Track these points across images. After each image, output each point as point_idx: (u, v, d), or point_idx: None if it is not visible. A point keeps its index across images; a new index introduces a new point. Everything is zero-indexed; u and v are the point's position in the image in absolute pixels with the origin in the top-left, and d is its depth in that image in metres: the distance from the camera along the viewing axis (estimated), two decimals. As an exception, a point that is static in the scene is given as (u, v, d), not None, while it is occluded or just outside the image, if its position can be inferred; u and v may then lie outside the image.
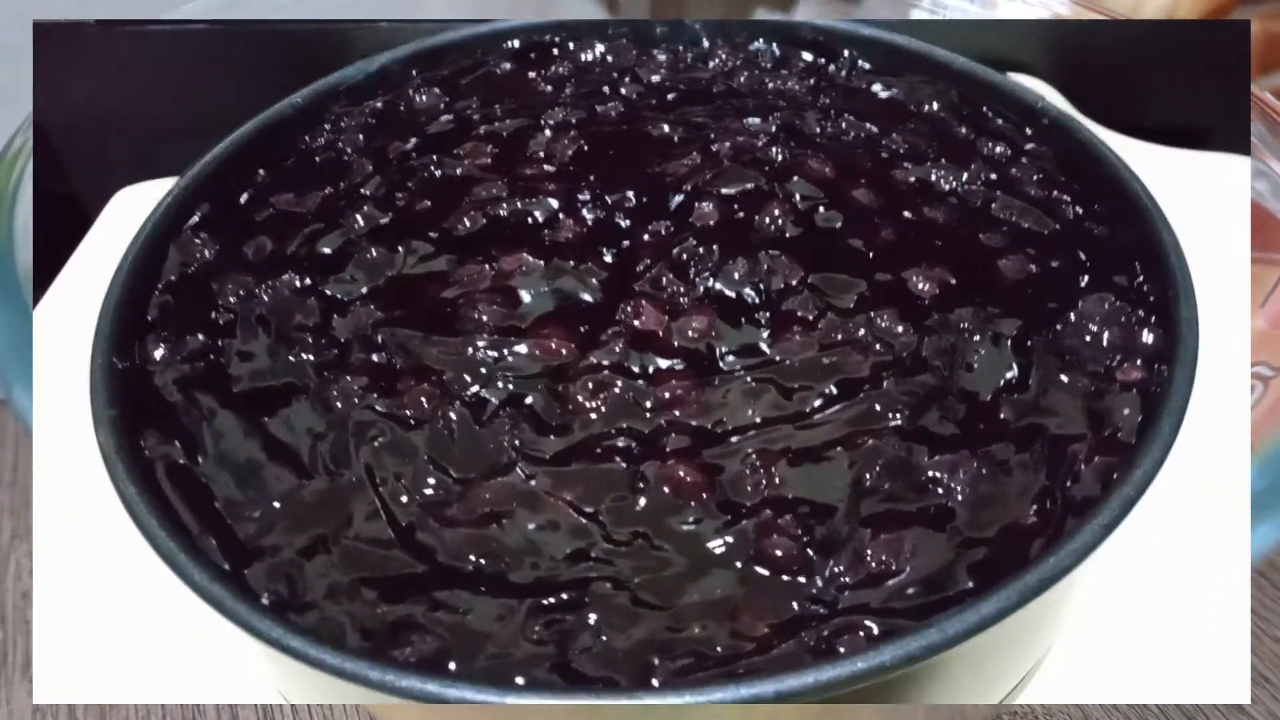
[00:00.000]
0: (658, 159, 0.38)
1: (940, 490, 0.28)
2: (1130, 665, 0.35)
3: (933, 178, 0.37)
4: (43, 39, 0.49)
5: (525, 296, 0.33)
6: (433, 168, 0.38)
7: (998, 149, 0.39)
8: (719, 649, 0.25)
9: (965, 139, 0.39)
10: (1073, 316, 0.32)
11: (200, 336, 0.32)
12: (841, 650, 0.24)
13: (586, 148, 0.39)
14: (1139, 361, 0.30)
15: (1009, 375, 0.30)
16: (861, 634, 0.25)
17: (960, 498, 0.27)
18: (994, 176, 0.37)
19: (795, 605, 0.26)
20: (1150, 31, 0.58)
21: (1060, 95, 0.56)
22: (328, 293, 0.33)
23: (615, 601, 0.25)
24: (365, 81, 0.43)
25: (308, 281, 0.34)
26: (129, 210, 0.52)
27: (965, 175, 0.37)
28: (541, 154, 0.39)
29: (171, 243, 0.35)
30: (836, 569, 0.26)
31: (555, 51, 0.45)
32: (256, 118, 0.40)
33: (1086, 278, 0.33)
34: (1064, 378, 0.30)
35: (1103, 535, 0.25)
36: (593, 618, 0.25)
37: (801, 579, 0.26)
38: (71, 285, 0.49)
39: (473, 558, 0.26)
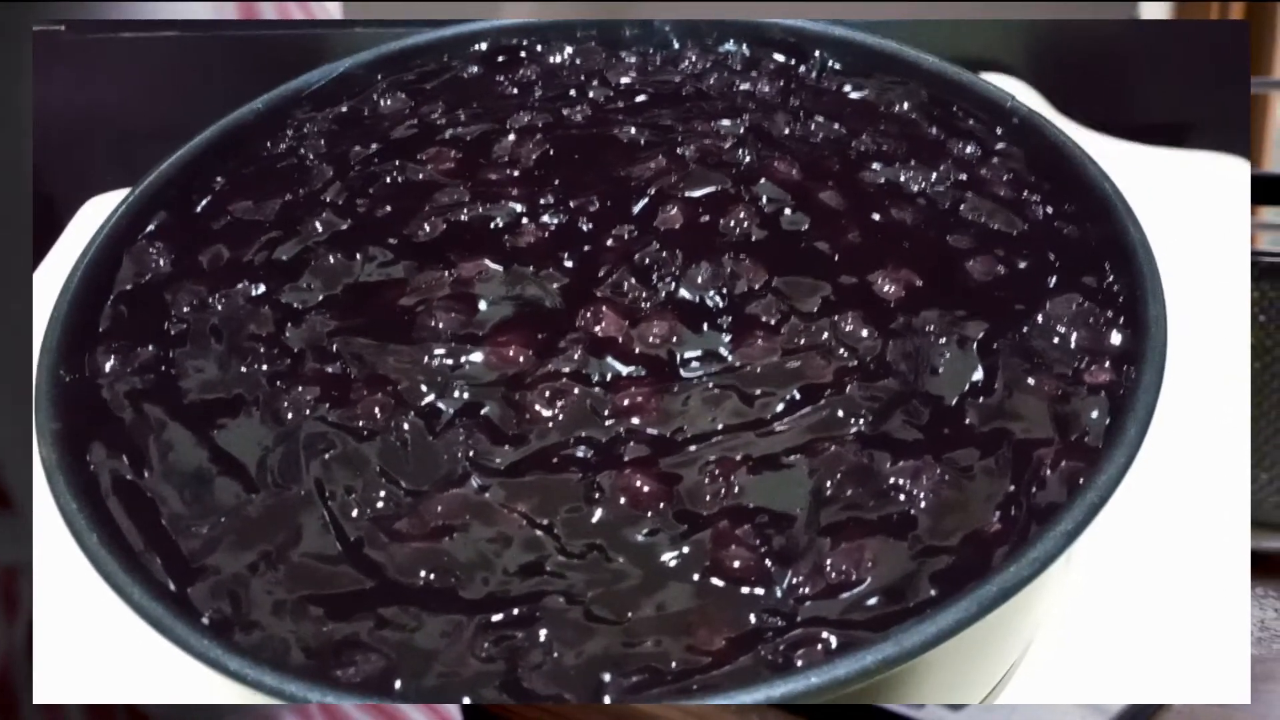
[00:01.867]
0: (623, 162, 0.37)
1: (902, 497, 0.27)
2: (1130, 665, 0.34)
3: (902, 179, 0.37)
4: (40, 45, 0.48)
5: (483, 304, 0.32)
6: (395, 173, 0.38)
7: (968, 149, 0.38)
8: (674, 664, 0.24)
9: (935, 139, 0.39)
10: (1040, 318, 0.31)
11: (151, 348, 0.32)
12: (799, 664, 0.24)
13: (551, 152, 0.38)
14: (1107, 363, 0.30)
15: (974, 378, 0.30)
16: (819, 647, 0.24)
17: (923, 505, 0.27)
18: (964, 177, 0.37)
19: (753, 618, 0.25)
20: (1134, 30, 0.57)
21: (1037, 94, 0.55)
22: (283, 301, 0.33)
23: (568, 616, 0.25)
24: (329, 86, 0.42)
25: (263, 290, 0.33)
26: (98, 219, 0.51)
27: (934, 176, 0.37)
28: (505, 158, 0.38)
29: (125, 251, 0.35)
30: (795, 580, 0.25)
31: (523, 55, 0.45)
32: (217, 124, 0.39)
33: (1055, 278, 0.32)
34: (1030, 381, 0.30)
35: (1066, 543, 0.24)
36: (544, 633, 0.24)
37: (759, 590, 0.25)
38: (37, 295, 0.48)
39: (423, 573, 0.26)
